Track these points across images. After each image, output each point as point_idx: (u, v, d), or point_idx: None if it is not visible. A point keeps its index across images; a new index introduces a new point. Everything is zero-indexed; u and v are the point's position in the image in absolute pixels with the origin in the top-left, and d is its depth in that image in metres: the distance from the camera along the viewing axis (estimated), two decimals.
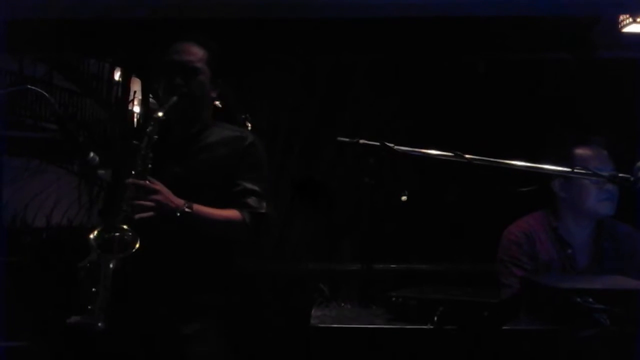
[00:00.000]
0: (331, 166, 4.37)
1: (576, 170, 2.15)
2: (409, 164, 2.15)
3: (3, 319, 2.62)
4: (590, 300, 1.75)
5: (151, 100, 4.07)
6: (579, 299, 1.75)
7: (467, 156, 2.07)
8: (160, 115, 2.16)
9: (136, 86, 4.93)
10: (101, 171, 2.32)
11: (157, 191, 2.07)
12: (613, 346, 1.75)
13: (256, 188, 2.25)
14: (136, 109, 4.88)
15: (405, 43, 4.04)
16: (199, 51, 2.28)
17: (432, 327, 1.73)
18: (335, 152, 4.27)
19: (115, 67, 4.97)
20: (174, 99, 2.19)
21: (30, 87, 2.39)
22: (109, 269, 1.95)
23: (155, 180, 2.10)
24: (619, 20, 3.53)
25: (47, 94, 2.26)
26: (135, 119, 4.75)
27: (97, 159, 2.23)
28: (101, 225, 2.05)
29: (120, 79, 5.00)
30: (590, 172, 2.16)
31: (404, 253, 3.69)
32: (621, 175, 2.11)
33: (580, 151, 2.46)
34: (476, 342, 1.76)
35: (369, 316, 1.90)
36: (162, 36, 2.39)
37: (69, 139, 2.21)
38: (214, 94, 2.33)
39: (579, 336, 1.75)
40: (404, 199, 2.08)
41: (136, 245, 1.97)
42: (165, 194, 2.08)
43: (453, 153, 2.08)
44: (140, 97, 4.77)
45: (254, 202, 2.23)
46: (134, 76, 4.89)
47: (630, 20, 3.46)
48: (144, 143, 2.12)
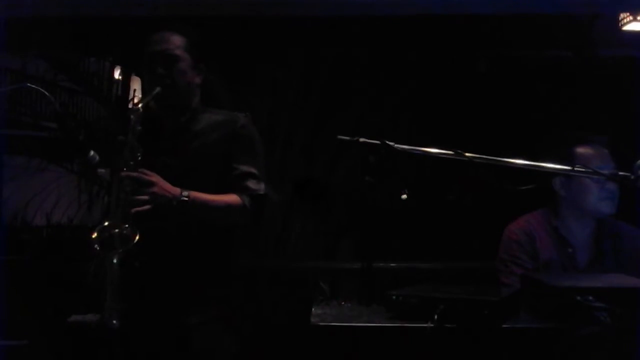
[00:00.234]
0: (331, 165, 4.37)
1: (577, 169, 2.14)
2: (410, 162, 2.14)
3: (3, 317, 2.62)
4: (591, 298, 1.75)
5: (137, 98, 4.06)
6: (579, 298, 1.75)
7: (467, 154, 2.07)
8: (139, 107, 2.13)
9: (136, 84, 4.93)
10: (101, 170, 2.30)
11: (152, 183, 2.05)
12: (613, 344, 1.74)
13: (253, 170, 2.23)
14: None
15: (406, 41, 4.04)
16: (177, 39, 2.25)
17: (432, 325, 1.73)
18: (335, 150, 4.27)
19: (115, 66, 4.97)
20: (156, 90, 2.17)
21: (30, 85, 2.38)
22: (114, 266, 1.95)
23: (149, 172, 2.08)
24: (619, 18, 3.53)
25: (47, 93, 2.25)
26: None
27: (97, 157, 2.22)
28: (100, 225, 2.04)
29: (120, 77, 5.00)
30: (591, 170, 2.16)
31: (404, 251, 3.68)
32: (621, 173, 2.11)
33: (580, 150, 2.45)
34: (476, 340, 1.76)
35: (369, 315, 1.90)
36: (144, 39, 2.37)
37: (69, 137, 2.20)
38: (198, 80, 2.30)
39: (579, 334, 1.75)
40: (404, 197, 2.08)
41: (136, 238, 1.97)
42: (160, 184, 2.06)
43: (453, 151, 2.08)
44: (140, 95, 4.77)
45: (252, 184, 2.21)
46: (134, 74, 4.88)
47: (631, 18, 3.46)
48: (129, 136, 2.10)
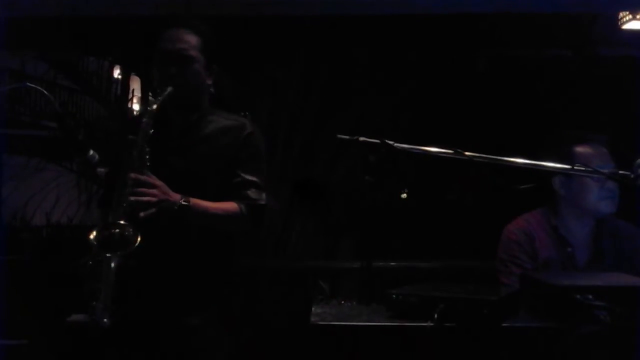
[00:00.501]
0: (331, 164, 4.37)
1: (576, 168, 2.14)
2: (409, 161, 2.14)
3: (3, 317, 2.62)
4: (591, 297, 1.75)
5: (150, 98, 4.05)
6: (579, 297, 1.75)
7: (467, 153, 2.07)
8: (154, 107, 2.11)
9: (135, 84, 4.93)
10: (101, 169, 2.30)
11: (156, 186, 2.04)
12: (613, 343, 1.74)
13: (255, 179, 2.22)
14: (135, 106, 4.88)
15: (406, 40, 4.04)
16: (192, 38, 2.21)
17: (432, 324, 1.72)
18: (335, 149, 4.27)
19: (115, 65, 4.97)
20: (169, 90, 2.14)
21: (29, 84, 2.38)
22: (111, 266, 1.94)
23: (152, 175, 2.06)
24: (619, 17, 3.53)
25: (46, 92, 2.25)
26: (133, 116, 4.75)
27: (96, 157, 2.21)
28: (100, 223, 2.03)
29: (119, 76, 5.00)
30: (591, 169, 2.16)
31: (404, 251, 3.69)
32: (621, 172, 2.11)
33: (580, 149, 2.45)
34: (476, 339, 1.76)
35: (369, 314, 1.90)
36: (157, 36, 2.36)
37: (68, 137, 2.18)
38: (209, 81, 2.27)
39: (579, 333, 1.75)
40: (404, 196, 2.08)
41: (137, 241, 1.95)
42: (163, 189, 2.05)
43: (453, 150, 2.08)
44: (139, 94, 4.77)
45: (253, 193, 2.20)
46: (133, 74, 4.88)
47: (630, 17, 3.47)
48: (140, 137, 2.08)
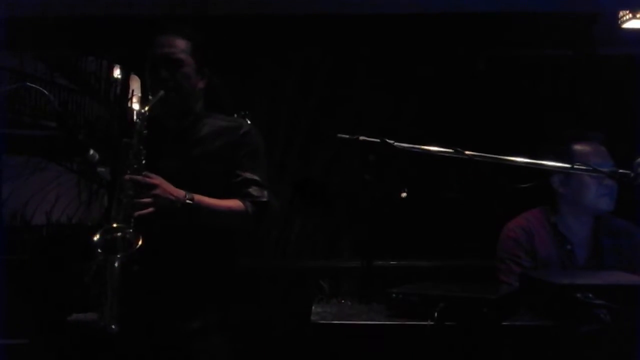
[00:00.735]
0: (331, 163, 4.37)
1: (576, 166, 2.14)
2: (409, 160, 2.14)
3: (3, 316, 2.62)
4: (591, 295, 1.75)
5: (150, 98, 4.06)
6: (579, 295, 1.75)
7: (467, 152, 2.07)
8: (145, 110, 2.13)
9: (135, 84, 4.93)
10: (101, 169, 2.30)
11: (155, 186, 2.04)
12: (613, 342, 1.74)
13: (256, 177, 2.23)
14: (135, 106, 4.88)
15: (406, 39, 4.04)
16: (181, 42, 2.24)
17: (432, 323, 1.73)
18: (335, 149, 4.28)
19: (114, 65, 4.98)
20: (160, 93, 2.16)
21: (30, 84, 2.38)
22: (115, 269, 1.94)
23: (153, 174, 2.07)
24: (619, 16, 3.53)
25: (46, 92, 2.25)
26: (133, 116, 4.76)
27: (96, 156, 2.22)
28: (102, 227, 2.03)
29: (119, 76, 5.01)
30: (591, 168, 2.16)
31: (404, 250, 3.69)
32: (621, 171, 2.11)
33: (579, 147, 2.45)
34: (476, 338, 1.76)
35: (369, 313, 1.90)
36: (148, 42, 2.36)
37: (68, 136, 2.19)
38: (201, 85, 2.29)
39: (579, 332, 1.75)
40: (403, 195, 2.08)
41: (139, 243, 1.95)
42: (164, 187, 2.06)
43: (453, 149, 2.08)
44: (139, 94, 4.77)
45: (255, 191, 2.21)
46: (133, 74, 4.89)
47: (630, 16, 3.46)
48: (134, 140, 2.10)
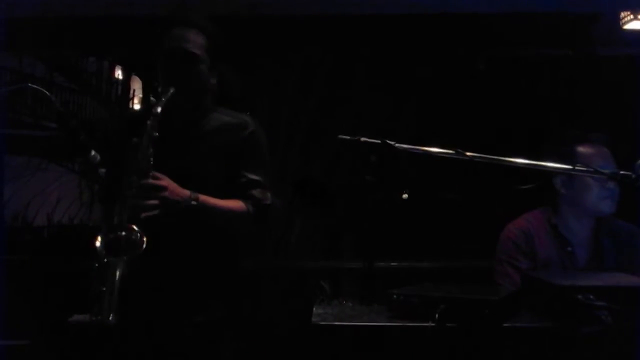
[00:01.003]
0: (332, 164, 4.37)
1: (578, 168, 2.14)
2: (410, 161, 2.14)
3: (4, 317, 2.62)
4: (591, 297, 1.75)
5: (152, 99, 4.07)
6: (580, 296, 1.75)
7: (468, 154, 2.06)
8: (159, 110, 2.07)
9: (136, 84, 4.94)
10: (102, 170, 2.29)
11: (164, 188, 2.01)
12: (614, 343, 1.74)
13: (259, 179, 2.21)
14: (136, 106, 4.88)
15: (406, 40, 4.04)
16: (199, 38, 2.18)
17: (433, 324, 1.73)
18: (336, 150, 4.28)
19: (115, 65, 4.98)
20: (172, 91, 2.11)
21: (30, 85, 2.38)
22: (117, 270, 1.92)
23: (161, 175, 2.03)
24: (620, 17, 3.53)
25: (47, 92, 2.25)
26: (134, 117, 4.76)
27: (98, 157, 2.21)
28: (105, 227, 2.01)
29: (120, 77, 5.01)
30: (593, 169, 2.16)
31: (405, 251, 3.69)
32: (622, 172, 2.11)
33: (582, 148, 2.45)
34: (477, 339, 1.76)
35: (370, 314, 1.90)
36: (162, 34, 2.35)
37: (69, 137, 2.18)
38: (213, 80, 2.25)
39: (580, 333, 1.75)
40: (405, 197, 2.08)
41: (144, 245, 1.93)
42: (171, 189, 2.03)
43: (454, 151, 2.08)
44: (140, 95, 4.77)
45: (258, 193, 2.19)
46: (134, 74, 4.89)
47: (632, 17, 3.46)
48: (144, 140, 2.04)
